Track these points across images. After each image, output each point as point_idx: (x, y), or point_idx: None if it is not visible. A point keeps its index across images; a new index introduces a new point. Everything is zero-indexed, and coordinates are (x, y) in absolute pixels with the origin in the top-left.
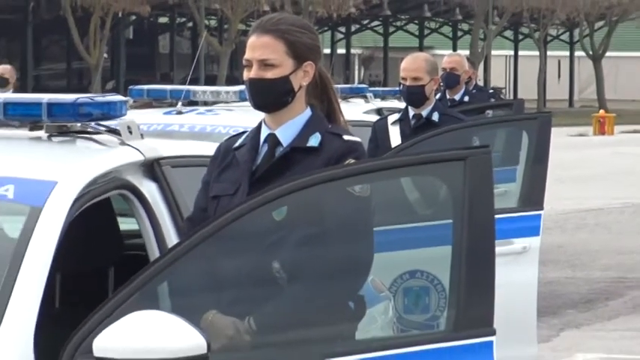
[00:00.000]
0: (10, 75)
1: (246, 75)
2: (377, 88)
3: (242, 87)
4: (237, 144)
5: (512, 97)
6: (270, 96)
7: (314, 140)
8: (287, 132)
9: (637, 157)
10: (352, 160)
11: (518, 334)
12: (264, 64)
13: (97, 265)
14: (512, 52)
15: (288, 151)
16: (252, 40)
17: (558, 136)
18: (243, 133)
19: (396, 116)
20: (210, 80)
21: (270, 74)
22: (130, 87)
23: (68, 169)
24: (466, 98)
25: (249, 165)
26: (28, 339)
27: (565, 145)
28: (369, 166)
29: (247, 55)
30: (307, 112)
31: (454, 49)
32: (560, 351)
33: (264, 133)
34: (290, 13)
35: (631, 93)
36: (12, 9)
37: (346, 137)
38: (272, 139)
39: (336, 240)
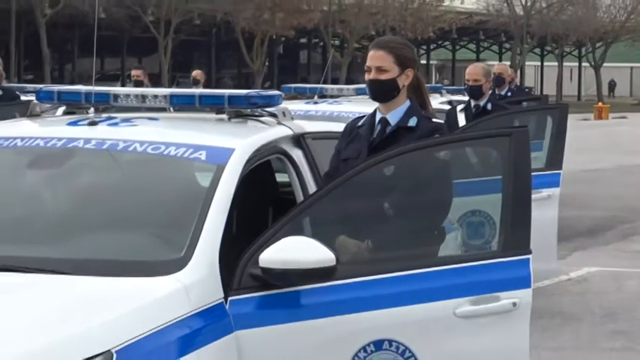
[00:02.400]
0: (201, 77)
1: (367, 77)
2: (448, 87)
3: (358, 85)
4: (359, 124)
5: (539, 94)
6: (383, 92)
7: (412, 121)
8: (394, 116)
9: (624, 134)
10: (437, 136)
11: (545, 254)
12: (379, 70)
13: (261, 205)
14: (539, 63)
15: (395, 129)
16: (371, 53)
17: (570, 120)
18: (362, 116)
19: (462, 106)
20: (335, 81)
21: (383, 77)
22: (282, 85)
23: (242, 140)
24: (509, 94)
25: (368, 138)
26: (215, 254)
27: (574, 125)
28: (447, 139)
29: (368, 63)
30: (407, 103)
31: (500, 61)
32: (571, 265)
33: (378, 116)
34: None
35: (620, 91)
36: (201, 33)
37: (434, 120)
38: (384, 121)
39: (427, 188)
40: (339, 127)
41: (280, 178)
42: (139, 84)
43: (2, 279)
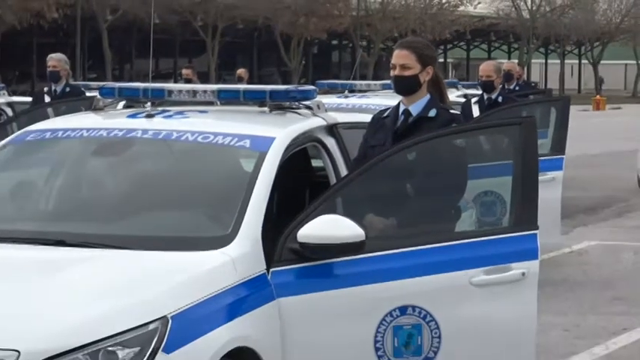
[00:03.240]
0: (245, 75)
1: (392, 73)
2: (463, 82)
3: (383, 81)
4: (384, 115)
5: (544, 88)
6: (406, 86)
7: (432, 112)
8: (416, 108)
9: (619, 123)
10: (454, 125)
11: (550, 229)
12: (403, 67)
13: (299, 187)
14: (543, 61)
15: (417, 119)
16: (396, 52)
17: (571, 111)
18: (387, 108)
19: (475, 99)
20: (363, 78)
21: (406, 73)
22: (316, 81)
23: (282, 129)
24: (517, 88)
25: (392, 127)
26: (258, 231)
27: (575, 116)
28: (463, 128)
29: (393, 61)
30: (427, 96)
31: (509, 59)
32: (573, 240)
33: (402, 108)
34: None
35: (614, 85)
36: (244, 36)
37: (451, 111)
38: (407, 112)
39: (445, 172)
40: (367, 118)
41: (315, 163)
42: (189, 81)
43: (73, 253)
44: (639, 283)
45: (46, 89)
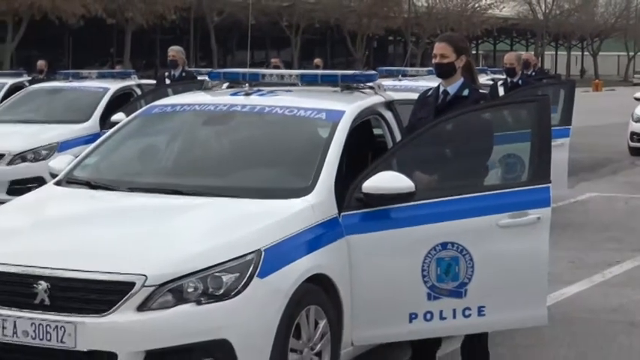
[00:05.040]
0: (320, 63)
1: (434, 61)
2: (491, 69)
3: (428, 68)
4: (428, 94)
5: (554, 73)
6: (445, 71)
7: (465, 92)
8: (452, 88)
9: (613, 101)
10: (483, 102)
11: (559, 184)
12: (442, 56)
13: (363, 150)
14: (554, 53)
15: (453, 97)
16: (437, 44)
17: (575, 91)
18: (430, 89)
19: (501, 82)
20: (412, 65)
21: (445, 61)
22: (377, 68)
23: (350, 105)
24: (533, 74)
25: (434, 103)
26: (331, 184)
27: (578, 95)
28: (491, 104)
29: (434, 52)
30: (462, 79)
31: (527, 51)
32: (577, 192)
33: (442, 88)
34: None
35: (610, 71)
36: (320, 33)
37: (481, 91)
38: (445, 92)
39: (475, 139)
40: (415, 96)
41: (376, 131)
42: (277, 68)
43: (187, 201)
44: (629, 225)
45: (166, 74)
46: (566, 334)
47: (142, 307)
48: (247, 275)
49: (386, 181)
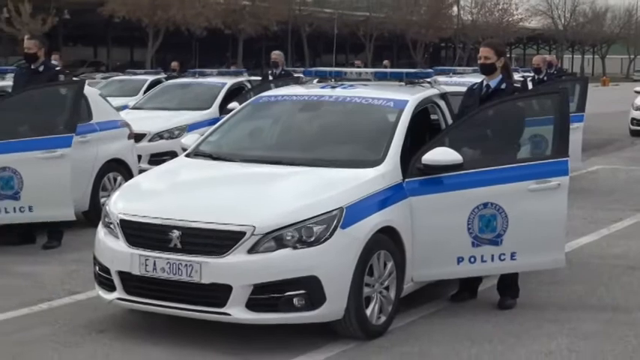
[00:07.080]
0: (388, 64)
1: (479, 62)
2: (522, 69)
3: (473, 68)
4: (474, 87)
5: (572, 72)
6: (487, 70)
7: (503, 86)
8: (493, 83)
9: (617, 94)
10: (517, 94)
11: (574, 158)
12: (486, 58)
13: (422, 131)
14: (570, 56)
15: (494, 90)
16: (482, 48)
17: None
18: (476, 83)
19: (530, 78)
20: (459, 66)
21: (487, 62)
22: (433, 67)
23: (412, 95)
24: (555, 72)
25: (479, 94)
26: (397, 157)
27: (590, 89)
28: (522, 96)
29: (480, 54)
30: (500, 75)
31: (550, 54)
32: (588, 164)
33: (485, 83)
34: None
35: (615, 69)
36: (388, 40)
37: (515, 85)
38: (487, 85)
39: (510, 122)
40: (463, 89)
41: (433, 117)
42: (359, 67)
43: (287, 169)
44: (630, 191)
45: (269, 72)
46: (580, 274)
47: (251, 251)
48: (332, 226)
49: (440, 154)
